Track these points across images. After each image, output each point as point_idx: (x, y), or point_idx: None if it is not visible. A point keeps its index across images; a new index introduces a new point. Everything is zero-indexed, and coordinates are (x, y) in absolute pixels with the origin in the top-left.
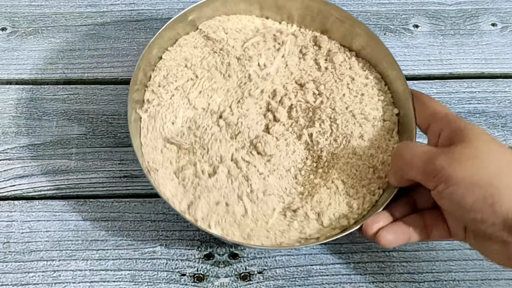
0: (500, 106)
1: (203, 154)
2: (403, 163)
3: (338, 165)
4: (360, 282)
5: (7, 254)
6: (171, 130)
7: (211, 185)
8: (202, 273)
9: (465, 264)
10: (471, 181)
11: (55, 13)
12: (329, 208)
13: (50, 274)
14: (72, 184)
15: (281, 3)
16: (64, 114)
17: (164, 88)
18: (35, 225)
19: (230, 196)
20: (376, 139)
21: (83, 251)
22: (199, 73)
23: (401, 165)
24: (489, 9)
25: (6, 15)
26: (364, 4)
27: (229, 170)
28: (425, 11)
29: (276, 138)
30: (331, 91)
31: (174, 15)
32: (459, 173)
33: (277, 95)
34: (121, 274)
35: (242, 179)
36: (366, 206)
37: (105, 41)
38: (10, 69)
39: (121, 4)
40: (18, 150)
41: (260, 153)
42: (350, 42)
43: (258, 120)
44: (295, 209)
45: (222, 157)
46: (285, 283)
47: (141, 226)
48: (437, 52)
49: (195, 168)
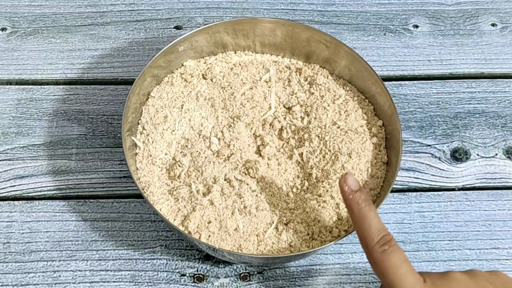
0: (500, 106)
1: (197, 176)
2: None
3: (327, 180)
4: (360, 282)
5: (7, 255)
6: (165, 156)
7: (206, 204)
8: (202, 273)
9: (465, 264)
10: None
11: (55, 13)
12: (319, 221)
13: (50, 274)
14: (72, 185)
15: (267, 32)
16: (64, 114)
17: (154, 126)
18: (35, 226)
19: (223, 213)
20: (365, 154)
21: (83, 252)
22: (188, 105)
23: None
24: (489, 9)
25: (6, 15)
26: (364, 4)
27: (222, 189)
28: (425, 11)
29: (268, 158)
30: (317, 111)
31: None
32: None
33: (267, 119)
34: (121, 275)
35: (235, 197)
36: None
37: (105, 41)
38: (10, 69)
39: (121, 4)
40: (18, 151)
41: (253, 177)
42: (334, 63)
43: (250, 142)
44: (286, 222)
45: (216, 177)
46: (285, 283)
47: (141, 227)
48: (437, 52)
49: (190, 188)
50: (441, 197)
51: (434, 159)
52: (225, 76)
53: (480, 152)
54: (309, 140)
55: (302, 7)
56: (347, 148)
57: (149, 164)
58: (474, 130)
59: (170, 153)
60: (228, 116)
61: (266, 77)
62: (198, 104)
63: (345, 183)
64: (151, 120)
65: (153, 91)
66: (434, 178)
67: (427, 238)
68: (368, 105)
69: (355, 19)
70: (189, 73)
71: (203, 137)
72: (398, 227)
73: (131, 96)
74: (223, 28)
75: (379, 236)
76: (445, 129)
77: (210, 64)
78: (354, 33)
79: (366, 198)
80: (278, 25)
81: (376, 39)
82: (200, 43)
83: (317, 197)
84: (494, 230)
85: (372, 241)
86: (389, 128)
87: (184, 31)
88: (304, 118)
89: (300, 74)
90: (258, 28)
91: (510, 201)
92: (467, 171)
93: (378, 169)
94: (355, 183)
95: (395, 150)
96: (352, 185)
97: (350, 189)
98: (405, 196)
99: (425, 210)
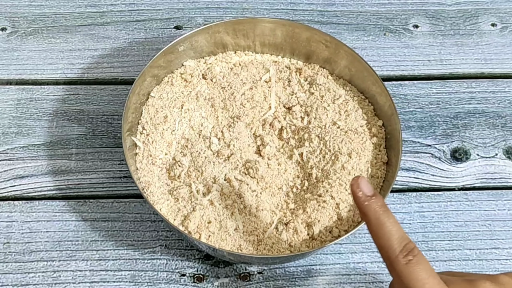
0: (500, 106)
1: (197, 176)
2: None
3: (327, 180)
4: (360, 282)
5: (7, 255)
6: (165, 156)
7: (206, 204)
8: (202, 273)
9: (465, 264)
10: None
11: (55, 13)
12: (319, 221)
13: (50, 274)
14: (72, 185)
15: (267, 32)
16: (64, 114)
17: (154, 126)
18: (35, 226)
19: (223, 213)
20: (365, 154)
21: (83, 252)
22: (188, 105)
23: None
24: (489, 9)
25: (6, 15)
26: (364, 4)
27: (222, 189)
28: (425, 11)
29: (268, 158)
30: (317, 111)
31: (174, 15)
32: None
33: (267, 119)
34: (121, 275)
35: (235, 197)
36: (356, 218)
37: (105, 41)
38: (10, 69)
39: (121, 4)
40: (18, 151)
41: (253, 177)
42: (334, 63)
43: (250, 142)
44: (286, 222)
45: (216, 177)
46: (285, 283)
47: (141, 227)
48: (437, 52)
49: (190, 188)
50: (441, 197)
51: (434, 159)
52: (225, 76)
53: (480, 152)
54: (309, 140)
55: (302, 7)
56: (347, 148)
57: (149, 164)
58: (474, 130)
59: (170, 153)
60: (228, 116)
61: (266, 77)
62: (198, 104)
63: (358, 188)
64: (151, 120)
65: (153, 91)
66: (434, 178)
67: (427, 238)
68: (368, 105)
69: (355, 19)
70: (189, 73)
71: (203, 137)
72: None
73: (131, 96)
74: (223, 28)
75: (401, 245)
76: (445, 129)
77: (210, 64)
78: (354, 33)
79: (383, 204)
80: (278, 25)
81: (376, 39)
82: (200, 43)
83: (317, 197)
84: (494, 230)
85: (394, 251)
86: (389, 128)
87: (184, 31)
88: (304, 118)
89: (300, 74)
90: (258, 28)
91: (510, 201)
92: (467, 171)
93: (378, 169)
94: (369, 187)
95: (395, 150)
96: (367, 189)
97: (365, 194)
98: (405, 196)
99: (425, 210)
